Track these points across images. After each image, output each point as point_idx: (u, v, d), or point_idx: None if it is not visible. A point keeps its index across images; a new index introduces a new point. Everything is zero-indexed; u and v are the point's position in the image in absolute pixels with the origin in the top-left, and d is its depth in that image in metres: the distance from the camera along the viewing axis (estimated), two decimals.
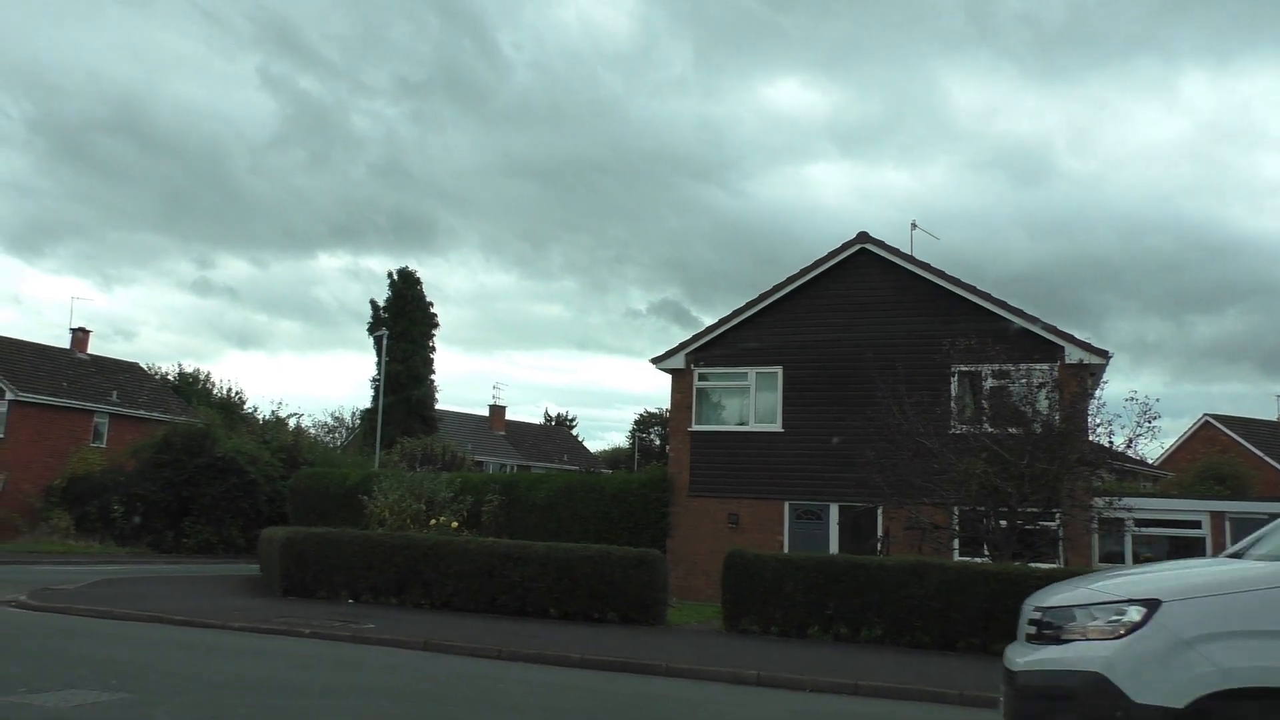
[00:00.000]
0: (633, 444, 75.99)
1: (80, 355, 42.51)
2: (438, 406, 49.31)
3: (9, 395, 35.71)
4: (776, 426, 22.78)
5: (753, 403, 23.28)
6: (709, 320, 31.74)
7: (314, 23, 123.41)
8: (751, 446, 22.94)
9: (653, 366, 24.21)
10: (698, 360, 23.68)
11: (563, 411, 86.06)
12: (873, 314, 22.43)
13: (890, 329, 22.05)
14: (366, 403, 50.57)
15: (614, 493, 23.50)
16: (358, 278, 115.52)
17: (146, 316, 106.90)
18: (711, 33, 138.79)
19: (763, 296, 23.33)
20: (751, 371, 23.34)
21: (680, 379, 23.88)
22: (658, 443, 77.56)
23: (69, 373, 40.20)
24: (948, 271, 22.03)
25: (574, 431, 79.09)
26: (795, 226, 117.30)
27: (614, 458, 73.72)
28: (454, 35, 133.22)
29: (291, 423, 43.02)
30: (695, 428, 23.43)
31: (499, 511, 21.86)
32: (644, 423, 78.89)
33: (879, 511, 20.94)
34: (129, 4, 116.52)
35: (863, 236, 22.81)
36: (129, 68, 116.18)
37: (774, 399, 23.03)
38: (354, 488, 24.61)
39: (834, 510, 21.98)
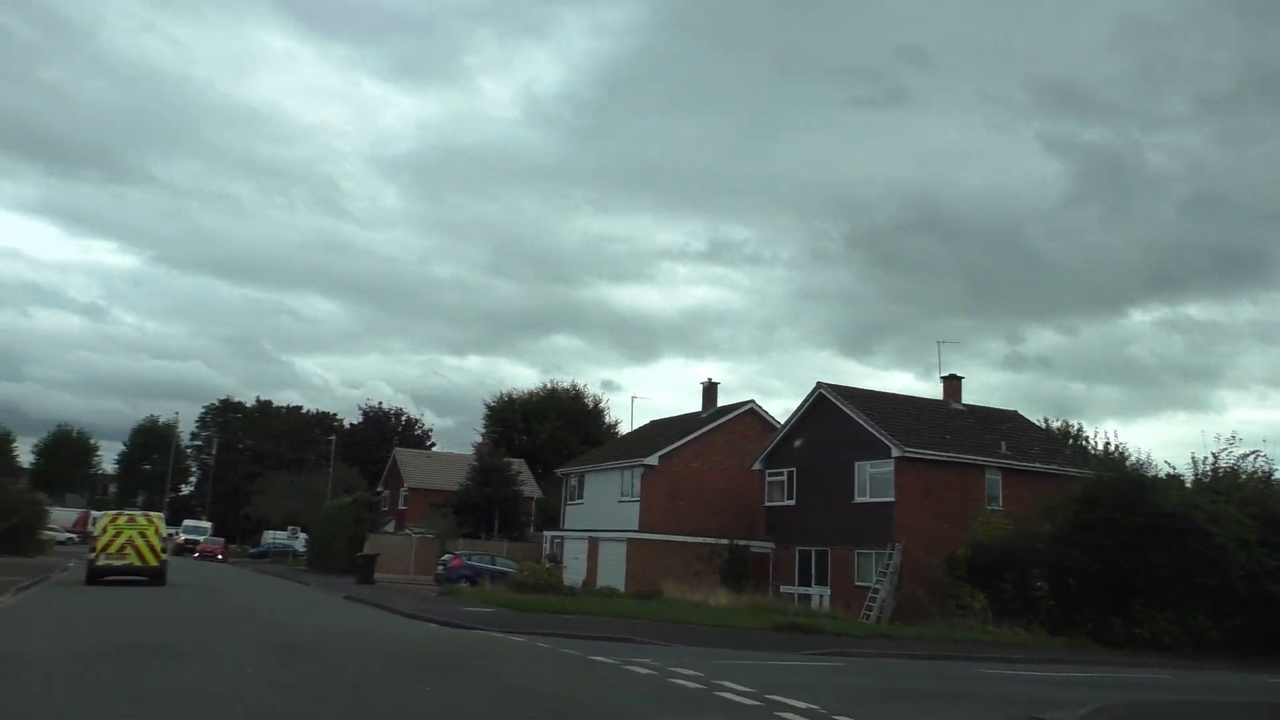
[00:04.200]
0: None
1: (956, 406, 37.14)
2: None
3: (895, 452, 31.08)
4: None
5: None
6: None
7: (1089, 70, 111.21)
8: None
9: None
10: None
11: None
12: None
13: None
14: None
15: None
16: (1176, 329, 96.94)
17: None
18: None
19: None
20: None
21: None
22: None
23: (948, 425, 34.77)
24: None
25: None
26: None
27: None
28: (1260, 29, 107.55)
29: (1246, 464, 30.51)
30: None
31: None
32: None
33: None
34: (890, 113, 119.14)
35: None
36: (916, 170, 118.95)
37: None
38: None
39: None
